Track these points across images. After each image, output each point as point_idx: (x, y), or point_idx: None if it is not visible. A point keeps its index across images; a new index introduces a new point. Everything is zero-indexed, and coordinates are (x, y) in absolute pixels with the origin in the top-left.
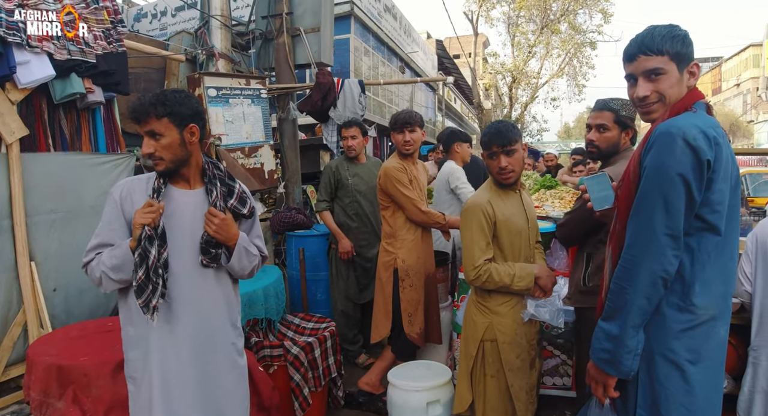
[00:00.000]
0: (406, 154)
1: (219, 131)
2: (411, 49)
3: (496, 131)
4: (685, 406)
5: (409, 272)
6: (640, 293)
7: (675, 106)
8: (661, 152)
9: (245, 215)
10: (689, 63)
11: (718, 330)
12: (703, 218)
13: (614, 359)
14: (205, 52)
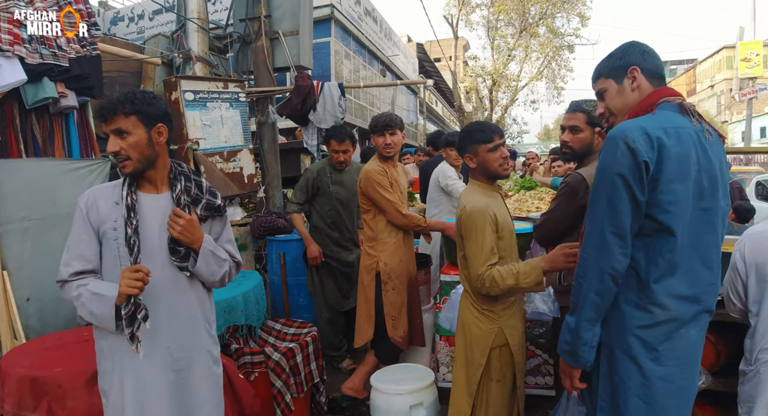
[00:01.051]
0: (387, 157)
1: (196, 135)
2: (392, 53)
3: (492, 123)
4: (642, 399)
5: (392, 275)
6: (591, 289)
7: (634, 110)
8: (605, 155)
9: (219, 208)
10: (626, 71)
11: (685, 332)
12: (655, 218)
13: (573, 350)
14: (182, 55)
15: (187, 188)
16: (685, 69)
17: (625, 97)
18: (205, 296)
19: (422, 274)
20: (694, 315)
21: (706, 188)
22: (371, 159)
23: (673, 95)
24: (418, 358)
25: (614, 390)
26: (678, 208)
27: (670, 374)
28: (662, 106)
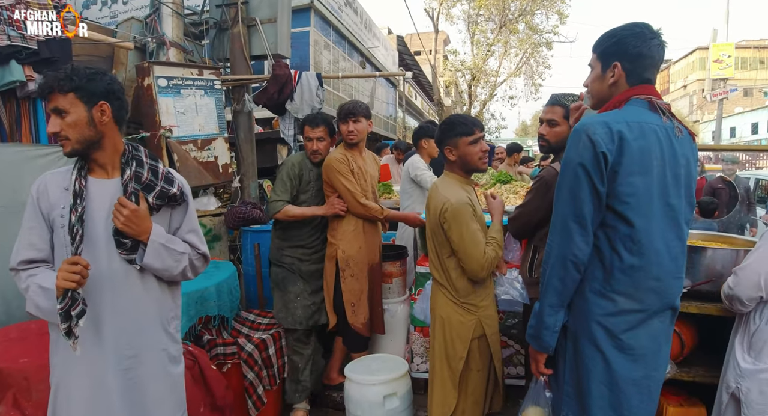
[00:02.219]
0: (351, 144)
1: (170, 123)
2: (372, 45)
3: (473, 117)
4: (605, 385)
5: (350, 262)
6: (554, 275)
7: (607, 104)
8: (569, 147)
9: (175, 197)
10: (611, 63)
11: (648, 323)
12: (614, 209)
13: (536, 334)
14: (156, 40)
15: (138, 173)
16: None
17: (601, 86)
18: (163, 291)
19: (398, 265)
20: (658, 308)
21: (671, 184)
22: (336, 147)
23: (646, 93)
24: (392, 349)
25: (579, 376)
26: (637, 200)
27: (633, 362)
28: (631, 102)
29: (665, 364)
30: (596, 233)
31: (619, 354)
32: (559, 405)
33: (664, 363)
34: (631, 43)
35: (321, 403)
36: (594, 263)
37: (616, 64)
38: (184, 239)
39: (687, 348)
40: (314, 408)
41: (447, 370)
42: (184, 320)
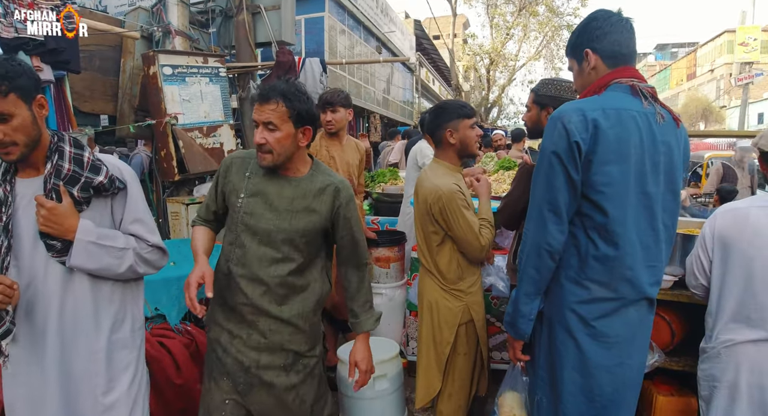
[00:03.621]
0: (329, 133)
1: (175, 110)
2: (388, 29)
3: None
4: (577, 371)
5: None
6: (529, 264)
7: (586, 90)
8: (546, 135)
9: (103, 186)
10: (582, 52)
11: (624, 312)
12: (590, 198)
13: (512, 322)
14: (161, 29)
15: (59, 167)
16: (686, 52)
17: (584, 78)
18: (114, 292)
19: (395, 251)
20: (633, 298)
21: (649, 172)
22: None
23: (626, 77)
24: (389, 332)
25: (553, 361)
26: (612, 190)
27: (606, 350)
28: (612, 87)
29: (642, 353)
30: (572, 221)
31: (591, 341)
32: (534, 389)
33: (639, 351)
34: (593, 26)
35: None
36: (570, 250)
37: (587, 51)
38: (128, 231)
39: (677, 337)
40: None
41: (433, 354)
42: (183, 301)
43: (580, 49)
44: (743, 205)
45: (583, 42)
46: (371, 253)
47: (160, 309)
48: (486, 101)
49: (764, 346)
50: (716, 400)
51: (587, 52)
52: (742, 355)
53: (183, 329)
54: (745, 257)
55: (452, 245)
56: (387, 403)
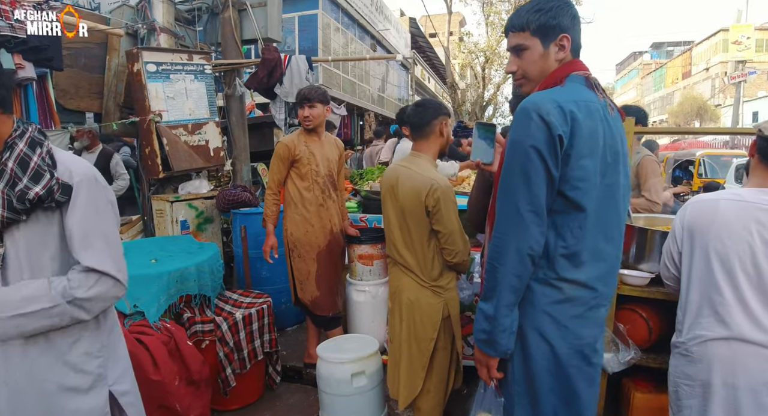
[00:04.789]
0: (308, 129)
1: (159, 108)
2: (383, 27)
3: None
4: (554, 376)
5: (297, 244)
6: (510, 272)
7: (545, 80)
8: (518, 128)
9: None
10: (557, 36)
11: (597, 310)
12: (565, 195)
13: (491, 339)
14: (146, 26)
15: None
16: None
17: (546, 65)
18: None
19: (378, 248)
20: (604, 294)
21: (610, 164)
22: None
23: (582, 69)
24: (374, 330)
25: (528, 370)
26: (587, 184)
27: (579, 352)
28: (571, 78)
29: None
30: None
31: (564, 344)
32: (511, 407)
33: (602, 349)
34: (572, 12)
35: (302, 380)
36: None
37: (566, 37)
38: (77, 258)
39: (654, 334)
40: (295, 385)
41: (416, 352)
42: (163, 298)
43: (555, 32)
44: (713, 196)
45: (563, 25)
46: (354, 250)
47: (139, 306)
48: (481, 99)
49: (736, 345)
50: (688, 399)
51: (566, 38)
52: (715, 354)
53: (162, 326)
54: (710, 249)
55: (436, 241)
56: (366, 400)
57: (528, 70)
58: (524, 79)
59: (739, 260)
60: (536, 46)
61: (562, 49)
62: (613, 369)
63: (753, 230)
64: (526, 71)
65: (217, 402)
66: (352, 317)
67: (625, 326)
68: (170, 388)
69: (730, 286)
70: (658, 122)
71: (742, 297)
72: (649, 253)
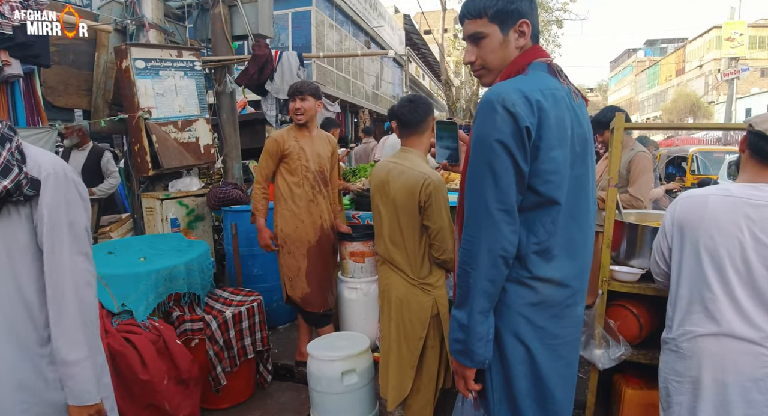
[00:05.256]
0: (299, 123)
1: (148, 104)
2: (377, 24)
3: None
4: (530, 380)
5: (286, 240)
6: (482, 276)
7: (507, 69)
8: (482, 121)
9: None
10: (516, 22)
11: (574, 308)
12: (536, 190)
13: (467, 349)
14: (135, 22)
15: None
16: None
17: (507, 53)
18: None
19: (369, 245)
20: (579, 289)
21: (579, 153)
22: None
23: (543, 55)
24: (366, 327)
25: (506, 377)
26: (559, 177)
27: (555, 353)
28: (533, 66)
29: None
30: None
31: (541, 345)
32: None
33: (578, 348)
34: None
35: (293, 378)
36: None
37: (526, 22)
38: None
39: (645, 331)
40: (287, 383)
41: (405, 351)
42: (152, 297)
43: (514, 17)
44: (703, 192)
45: (522, 10)
46: (346, 248)
47: (127, 305)
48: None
49: (726, 341)
50: (678, 395)
51: (525, 24)
52: (705, 350)
53: (150, 325)
54: (700, 245)
55: (427, 238)
56: (357, 397)
57: (488, 59)
58: (484, 69)
59: (729, 256)
60: (495, 34)
61: (522, 36)
62: (603, 365)
63: (743, 226)
64: (485, 61)
65: (208, 400)
66: (343, 314)
67: (615, 322)
68: (159, 387)
69: (720, 282)
70: (651, 118)
71: (732, 293)
72: (640, 249)
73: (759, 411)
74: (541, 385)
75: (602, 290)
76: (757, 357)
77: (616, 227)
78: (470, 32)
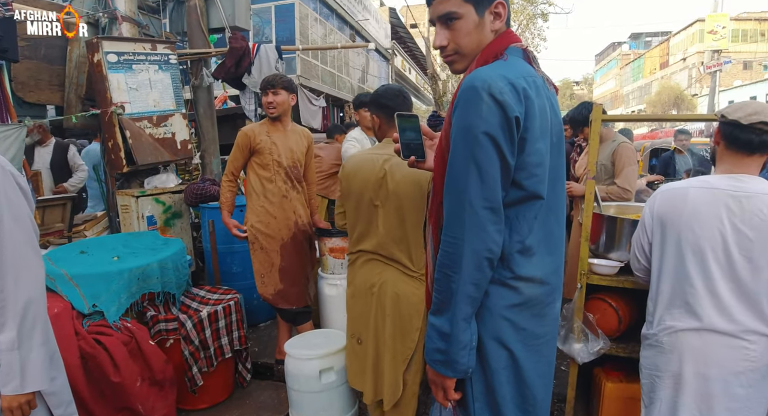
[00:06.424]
0: (272, 117)
1: (121, 99)
2: (362, 17)
3: None
4: (513, 384)
5: (258, 236)
6: (466, 280)
7: (482, 54)
8: (467, 111)
9: None
10: (492, 2)
11: (553, 306)
12: (521, 185)
13: (449, 359)
14: (107, 15)
15: None
16: (659, 41)
17: (482, 37)
18: None
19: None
20: (557, 286)
21: (555, 144)
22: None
23: (517, 40)
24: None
25: (488, 383)
26: (542, 170)
27: (537, 353)
28: (511, 50)
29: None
30: None
31: (523, 347)
32: None
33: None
34: None
35: (273, 377)
36: None
37: (501, 2)
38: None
39: (624, 324)
40: (266, 382)
41: (400, 345)
42: (124, 297)
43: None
44: (682, 185)
45: None
46: (325, 243)
47: (98, 306)
48: None
49: (707, 335)
50: (660, 390)
51: (501, 5)
52: (686, 344)
53: (122, 326)
54: (681, 238)
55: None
56: (336, 396)
57: (462, 43)
58: (457, 55)
59: (711, 249)
60: (470, 14)
61: (498, 18)
62: (583, 359)
63: (724, 218)
64: (459, 45)
65: (185, 401)
66: (324, 311)
67: (594, 316)
68: (132, 390)
69: (701, 276)
70: (636, 111)
71: (713, 287)
72: (619, 242)
73: (741, 405)
74: (524, 388)
75: (581, 284)
76: (738, 350)
77: (594, 219)
78: (442, 12)
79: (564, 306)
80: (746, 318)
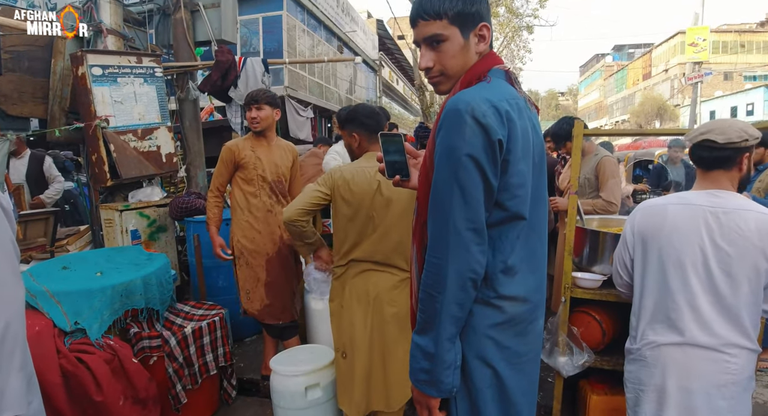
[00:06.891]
0: (256, 132)
1: (105, 113)
2: (350, 29)
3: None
4: (498, 403)
5: (243, 251)
6: (450, 300)
7: (466, 75)
8: (451, 133)
9: None
10: (477, 25)
11: (537, 323)
12: (504, 206)
13: (435, 378)
14: (92, 28)
15: None
16: (642, 53)
17: (467, 59)
18: None
19: None
20: (540, 303)
21: (537, 164)
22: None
23: (500, 62)
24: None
25: (473, 403)
26: (525, 191)
27: (520, 372)
28: (493, 72)
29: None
30: None
31: (507, 365)
32: None
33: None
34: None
35: (259, 393)
36: None
37: (486, 26)
38: None
39: (608, 337)
40: (252, 398)
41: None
42: (107, 314)
43: (474, 20)
44: (661, 202)
45: (482, 13)
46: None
47: (80, 323)
48: None
49: (690, 349)
50: (644, 404)
51: (485, 28)
52: (668, 358)
53: (105, 343)
54: (662, 254)
55: None
56: (321, 412)
57: (447, 65)
58: (443, 76)
59: (692, 264)
60: (456, 37)
61: (482, 40)
62: (568, 372)
63: (703, 233)
64: (445, 67)
65: None
66: (310, 326)
67: (578, 329)
68: (115, 408)
69: (683, 291)
70: (620, 121)
71: (694, 302)
72: (602, 255)
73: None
74: (509, 407)
75: (565, 298)
76: (719, 364)
77: (577, 233)
78: (427, 34)
79: (549, 320)
80: (726, 331)
